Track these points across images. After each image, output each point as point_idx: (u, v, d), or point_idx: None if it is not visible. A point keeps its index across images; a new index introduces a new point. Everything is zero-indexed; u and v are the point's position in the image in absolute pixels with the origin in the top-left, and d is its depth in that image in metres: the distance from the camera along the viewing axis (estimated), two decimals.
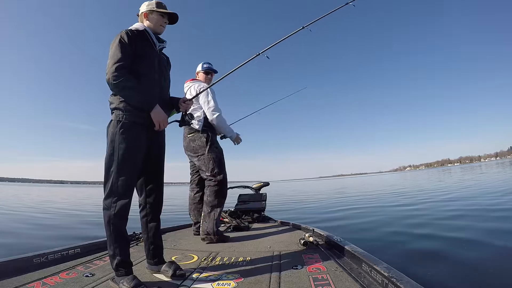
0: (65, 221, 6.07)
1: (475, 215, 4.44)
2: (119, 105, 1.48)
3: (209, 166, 2.59)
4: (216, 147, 2.70)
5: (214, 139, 2.73)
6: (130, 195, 1.48)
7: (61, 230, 4.89)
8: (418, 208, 5.69)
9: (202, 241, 2.45)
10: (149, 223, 1.64)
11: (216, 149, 2.67)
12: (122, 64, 1.44)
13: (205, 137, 2.64)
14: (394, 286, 1.17)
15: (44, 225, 5.51)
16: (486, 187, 9.41)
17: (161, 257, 1.66)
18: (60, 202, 12.66)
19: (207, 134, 2.66)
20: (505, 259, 2.41)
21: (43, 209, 9.05)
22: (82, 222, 5.87)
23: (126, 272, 1.41)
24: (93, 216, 6.90)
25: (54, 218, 6.62)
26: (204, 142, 2.63)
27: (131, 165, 1.47)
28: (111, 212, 1.42)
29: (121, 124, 1.46)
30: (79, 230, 4.93)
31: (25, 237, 4.19)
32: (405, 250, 2.88)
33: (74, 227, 5.32)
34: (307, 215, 6.04)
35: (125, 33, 1.51)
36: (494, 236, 3.09)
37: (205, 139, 2.64)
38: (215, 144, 2.71)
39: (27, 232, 4.59)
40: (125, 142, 1.45)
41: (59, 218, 6.62)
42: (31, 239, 4.06)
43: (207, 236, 2.43)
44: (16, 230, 4.78)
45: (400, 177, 37.44)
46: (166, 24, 1.70)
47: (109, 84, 1.45)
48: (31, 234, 4.47)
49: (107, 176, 1.45)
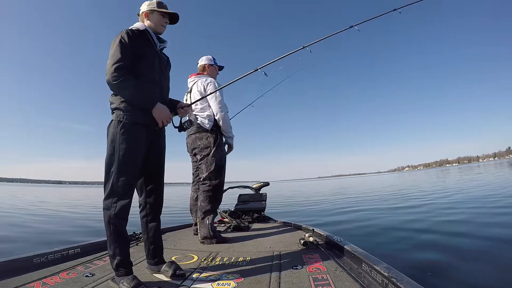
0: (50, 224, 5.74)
1: (478, 213, 4.41)
2: (119, 105, 1.47)
3: (209, 168, 2.54)
4: (222, 150, 2.64)
5: (221, 141, 2.65)
6: (131, 196, 1.48)
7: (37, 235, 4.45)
8: (422, 211, 5.53)
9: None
10: (149, 223, 1.64)
11: (221, 152, 2.62)
12: (122, 64, 1.43)
13: (213, 138, 2.57)
14: (394, 286, 1.17)
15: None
16: (488, 187, 9.40)
17: (161, 257, 1.66)
18: (47, 204, 11.93)
19: (215, 135, 2.59)
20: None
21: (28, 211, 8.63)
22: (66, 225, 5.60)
23: (126, 272, 1.41)
24: (82, 218, 6.73)
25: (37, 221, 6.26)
26: (211, 143, 2.56)
27: (131, 165, 1.46)
28: (111, 212, 1.42)
29: (121, 124, 1.45)
30: (59, 235, 4.50)
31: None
32: (415, 258, 2.71)
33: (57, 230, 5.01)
34: (310, 218, 5.87)
35: (126, 33, 1.51)
36: (496, 237, 3.09)
37: (213, 139, 2.57)
38: (222, 147, 2.65)
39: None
40: (126, 142, 1.44)
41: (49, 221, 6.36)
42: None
43: (205, 239, 2.40)
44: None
45: (399, 177, 37.50)
46: (166, 24, 1.70)
47: (109, 84, 1.44)
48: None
49: (108, 176, 1.45)
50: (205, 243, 2.39)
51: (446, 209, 5.43)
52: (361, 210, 6.44)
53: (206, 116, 2.58)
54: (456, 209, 5.30)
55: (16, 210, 8.70)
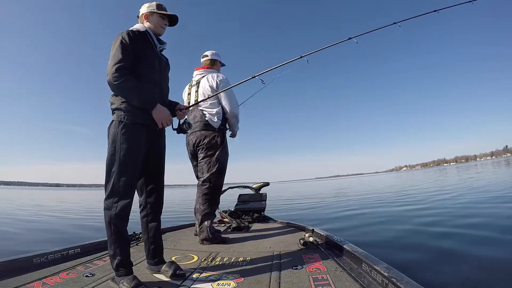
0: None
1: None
2: (120, 106, 1.48)
3: (211, 170, 2.50)
4: (226, 152, 2.61)
5: (226, 143, 2.63)
6: (131, 196, 1.48)
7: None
8: (437, 213, 5.11)
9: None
10: (149, 223, 1.64)
11: (225, 154, 2.59)
12: (122, 65, 1.43)
13: (220, 138, 2.54)
14: (394, 286, 1.17)
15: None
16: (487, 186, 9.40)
17: (161, 257, 1.66)
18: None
19: (222, 135, 2.57)
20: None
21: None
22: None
23: (126, 272, 1.41)
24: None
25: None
26: (218, 143, 2.52)
27: (132, 165, 1.47)
28: (112, 212, 1.42)
29: (122, 124, 1.46)
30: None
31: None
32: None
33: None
34: (314, 221, 5.49)
35: (127, 33, 1.51)
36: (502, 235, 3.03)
37: (219, 140, 2.53)
38: (226, 149, 2.62)
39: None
40: (127, 142, 1.45)
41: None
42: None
43: (205, 240, 2.39)
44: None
45: (398, 177, 37.52)
46: (166, 26, 1.71)
47: (110, 85, 1.45)
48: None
49: (109, 176, 1.45)
50: (204, 243, 2.39)
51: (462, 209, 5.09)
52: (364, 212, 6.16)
53: (215, 113, 2.54)
54: (471, 209, 5.02)
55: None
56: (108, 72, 1.43)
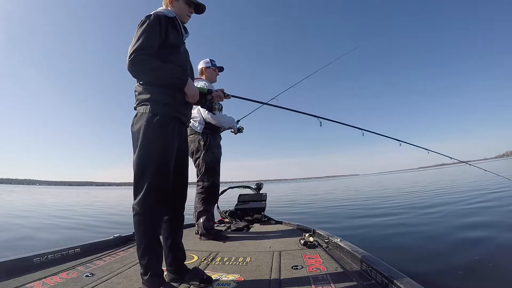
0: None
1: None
2: (152, 97, 1.33)
3: (201, 171, 2.65)
4: (213, 152, 2.66)
5: (212, 143, 2.67)
6: (167, 198, 1.37)
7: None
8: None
9: (202, 241, 2.49)
10: (172, 226, 1.50)
11: (212, 154, 2.65)
12: (147, 50, 1.29)
13: (203, 141, 2.63)
14: (394, 286, 1.17)
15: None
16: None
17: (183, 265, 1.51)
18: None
19: (206, 138, 2.64)
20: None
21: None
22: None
23: (160, 282, 1.31)
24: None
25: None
26: (201, 146, 2.63)
27: (167, 163, 1.35)
28: (145, 217, 1.29)
29: (157, 118, 1.31)
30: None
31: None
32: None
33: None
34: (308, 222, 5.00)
35: (155, 16, 1.36)
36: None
37: (202, 142, 2.63)
38: (212, 149, 2.66)
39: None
40: (162, 139, 1.32)
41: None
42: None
43: (201, 235, 2.58)
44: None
45: (398, 178, 37.46)
46: (191, 14, 1.57)
47: (131, 71, 1.30)
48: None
49: (140, 176, 1.31)
50: (202, 239, 2.55)
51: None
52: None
53: (197, 119, 2.65)
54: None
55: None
56: (130, 54, 1.27)
